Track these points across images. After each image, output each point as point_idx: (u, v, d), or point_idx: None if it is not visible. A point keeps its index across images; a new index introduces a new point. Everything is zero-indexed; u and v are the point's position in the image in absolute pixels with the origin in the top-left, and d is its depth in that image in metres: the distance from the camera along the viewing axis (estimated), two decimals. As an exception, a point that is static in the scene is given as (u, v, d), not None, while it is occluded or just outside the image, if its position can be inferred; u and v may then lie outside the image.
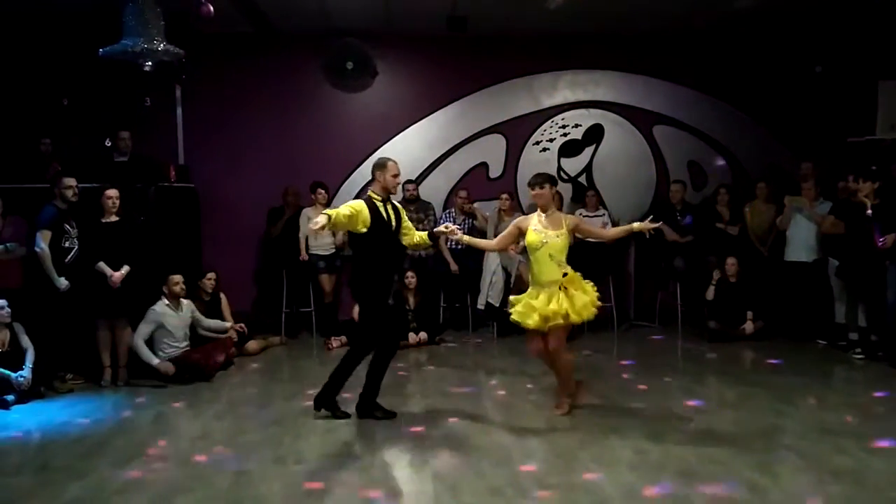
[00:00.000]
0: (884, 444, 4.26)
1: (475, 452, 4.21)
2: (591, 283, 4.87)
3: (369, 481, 3.85)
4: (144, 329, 6.02)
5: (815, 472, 3.86)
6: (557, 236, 4.75)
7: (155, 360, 5.96)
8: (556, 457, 4.14)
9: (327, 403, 4.88)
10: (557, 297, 4.67)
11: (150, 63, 5.86)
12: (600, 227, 7.88)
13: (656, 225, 5.02)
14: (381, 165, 4.82)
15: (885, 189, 6.32)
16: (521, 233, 4.90)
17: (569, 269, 4.74)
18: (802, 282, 7.08)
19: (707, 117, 8.80)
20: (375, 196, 4.80)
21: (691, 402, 5.19)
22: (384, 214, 4.78)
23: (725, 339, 7.19)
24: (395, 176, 4.84)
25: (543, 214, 4.86)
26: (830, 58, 8.32)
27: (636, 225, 4.97)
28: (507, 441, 4.43)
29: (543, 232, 4.77)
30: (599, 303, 4.89)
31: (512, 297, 5.04)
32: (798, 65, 8.48)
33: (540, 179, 4.89)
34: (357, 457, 4.21)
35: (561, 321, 4.65)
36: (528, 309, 4.74)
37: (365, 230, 4.67)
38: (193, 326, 6.41)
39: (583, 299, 4.72)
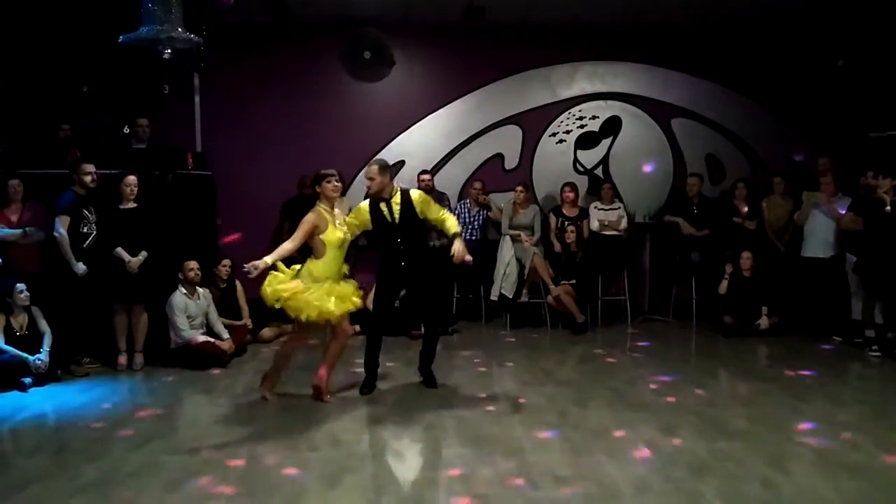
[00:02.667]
0: (899, 442, 4.23)
1: (487, 443, 4.22)
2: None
3: (381, 470, 3.88)
4: (179, 320, 6.08)
5: (828, 468, 3.83)
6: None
7: (201, 338, 6.12)
8: (568, 449, 4.14)
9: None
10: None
11: (168, 50, 5.88)
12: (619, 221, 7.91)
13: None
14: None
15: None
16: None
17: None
18: (819, 278, 7.02)
19: (726, 110, 8.72)
20: (378, 196, 5.14)
21: (705, 397, 5.17)
22: (385, 212, 5.11)
23: (740, 334, 7.15)
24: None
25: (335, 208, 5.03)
26: (853, 51, 8.20)
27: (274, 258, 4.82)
28: (519, 432, 4.43)
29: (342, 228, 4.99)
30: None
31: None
32: (820, 58, 8.38)
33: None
34: (368, 445, 4.24)
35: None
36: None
37: (371, 228, 5.18)
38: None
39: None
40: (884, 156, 7.27)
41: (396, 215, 5.10)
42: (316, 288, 4.82)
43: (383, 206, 5.11)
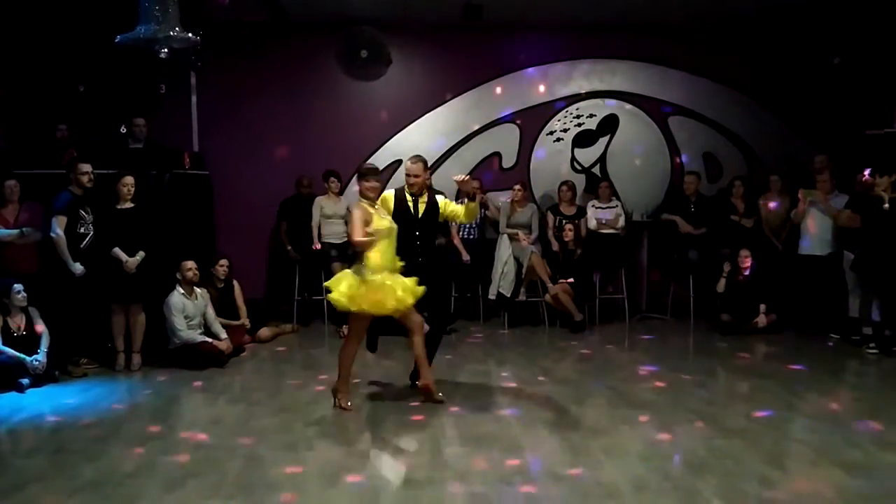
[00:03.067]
0: (895, 438, 4.24)
1: (485, 441, 4.22)
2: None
3: (379, 468, 3.88)
4: (177, 321, 6.06)
5: (826, 465, 3.84)
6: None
7: (199, 339, 6.09)
8: (566, 447, 4.14)
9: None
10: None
11: (165, 50, 5.88)
12: (612, 219, 7.92)
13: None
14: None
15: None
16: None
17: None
18: (816, 275, 7.03)
19: (723, 109, 8.72)
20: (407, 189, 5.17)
21: (703, 395, 5.18)
22: (409, 205, 5.12)
23: (738, 332, 7.16)
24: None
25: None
26: (849, 49, 8.21)
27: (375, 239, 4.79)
28: (517, 430, 4.44)
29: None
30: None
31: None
32: (817, 56, 8.38)
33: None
34: (367, 443, 4.24)
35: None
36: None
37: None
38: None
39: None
40: (880, 153, 7.29)
41: (420, 211, 5.14)
42: (380, 280, 4.73)
43: (410, 199, 5.14)
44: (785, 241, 7.55)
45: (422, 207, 5.14)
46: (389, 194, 5.15)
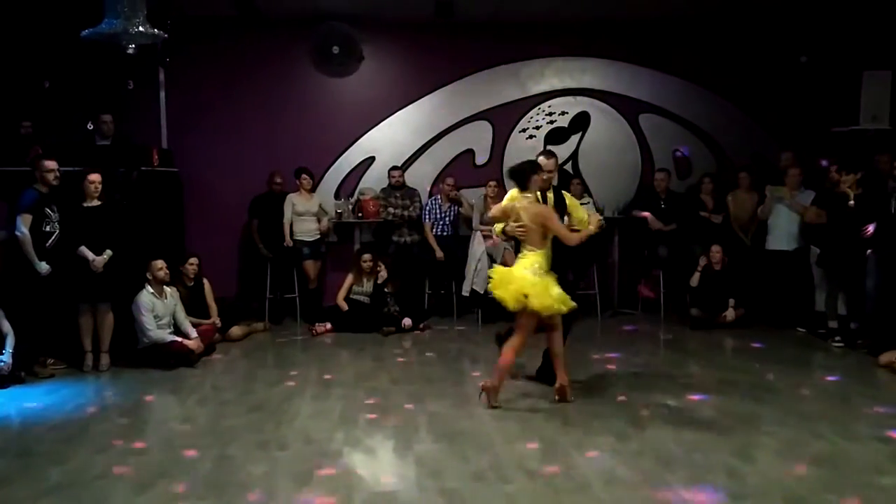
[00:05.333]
0: (861, 430, 4.32)
1: (458, 438, 4.23)
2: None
3: (352, 467, 3.87)
4: (146, 320, 5.98)
5: (793, 457, 3.91)
6: None
7: (169, 338, 6.00)
8: (537, 442, 4.17)
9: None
10: None
11: (132, 45, 5.79)
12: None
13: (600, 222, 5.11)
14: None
15: (867, 179, 6.38)
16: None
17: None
18: (784, 270, 7.15)
19: (693, 106, 8.81)
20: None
21: (672, 388, 5.24)
22: (539, 201, 4.98)
23: (707, 327, 7.25)
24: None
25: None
26: (815, 48, 8.34)
27: (593, 228, 4.95)
28: (490, 427, 4.45)
29: None
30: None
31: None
32: (783, 54, 8.51)
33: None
34: (340, 442, 4.22)
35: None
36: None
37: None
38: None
39: None
40: (846, 150, 7.43)
41: (550, 206, 5.05)
42: (550, 280, 4.72)
43: (539, 195, 5.02)
44: (753, 236, 7.66)
45: (550, 203, 5.06)
46: (517, 192, 4.93)
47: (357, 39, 8.20)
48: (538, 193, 4.96)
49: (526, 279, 4.67)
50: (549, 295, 4.65)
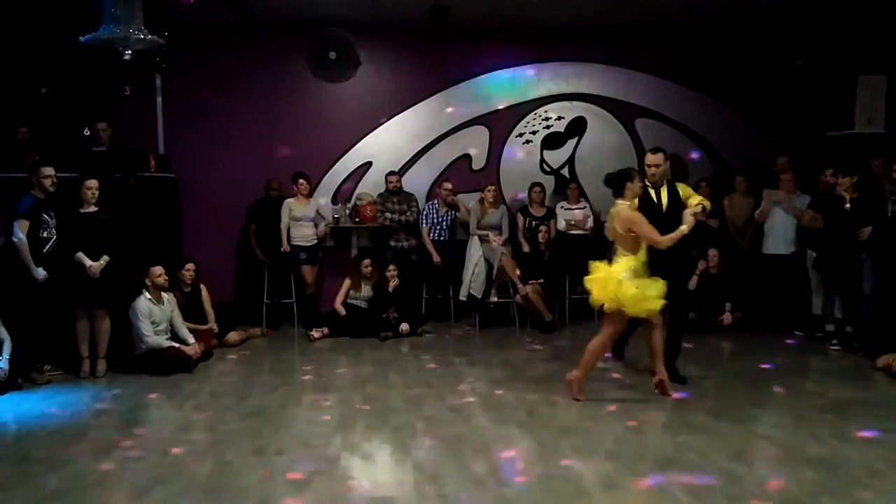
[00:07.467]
0: (857, 433, 4.33)
1: (456, 442, 4.23)
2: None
3: (350, 472, 3.86)
4: (143, 326, 5.98)
5: (790, 460, 3.92)
6: None
7: (166, 344, 6.00)
8: (536, 446, 4.17)
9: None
10: None
11: (129, 51, 5.80)
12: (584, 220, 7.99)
13: (698, 210, 5.04)
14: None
15: (862, 183, 6.40)
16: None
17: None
18: (780, 274, 7.17)
19: (689, 111, 8.84)
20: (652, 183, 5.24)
21: (670, 392, 5.24)
22: (654, 199, 5.17)
23: (704, 330, 7.26)
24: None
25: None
26: (810, 52, 8.38)
27: (684, 228, 4.90)
28: (489, 431, 4.45)
29: None
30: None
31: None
32: (779, 59, 8.54)
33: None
34: (338, 447, 4.22)
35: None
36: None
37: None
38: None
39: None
40: (841, 154, 7.45)
41: (664, 203, 5.14)
42: (647, 283, 4.81)
43: (653, 192, 5.12)
44: (749, 240, 7.67)
45: (664, 198, 5.12)
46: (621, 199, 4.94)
47: (354, 45, 8.21)
48: (653, 191, 5.10)
49: (625, 289, 4.74)
50: (645, 300, 4.73)
